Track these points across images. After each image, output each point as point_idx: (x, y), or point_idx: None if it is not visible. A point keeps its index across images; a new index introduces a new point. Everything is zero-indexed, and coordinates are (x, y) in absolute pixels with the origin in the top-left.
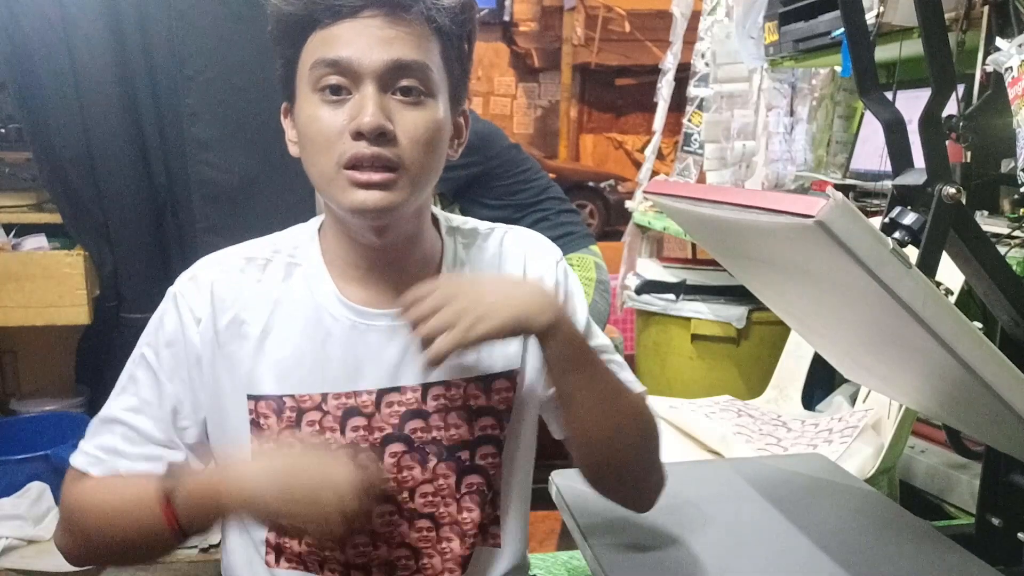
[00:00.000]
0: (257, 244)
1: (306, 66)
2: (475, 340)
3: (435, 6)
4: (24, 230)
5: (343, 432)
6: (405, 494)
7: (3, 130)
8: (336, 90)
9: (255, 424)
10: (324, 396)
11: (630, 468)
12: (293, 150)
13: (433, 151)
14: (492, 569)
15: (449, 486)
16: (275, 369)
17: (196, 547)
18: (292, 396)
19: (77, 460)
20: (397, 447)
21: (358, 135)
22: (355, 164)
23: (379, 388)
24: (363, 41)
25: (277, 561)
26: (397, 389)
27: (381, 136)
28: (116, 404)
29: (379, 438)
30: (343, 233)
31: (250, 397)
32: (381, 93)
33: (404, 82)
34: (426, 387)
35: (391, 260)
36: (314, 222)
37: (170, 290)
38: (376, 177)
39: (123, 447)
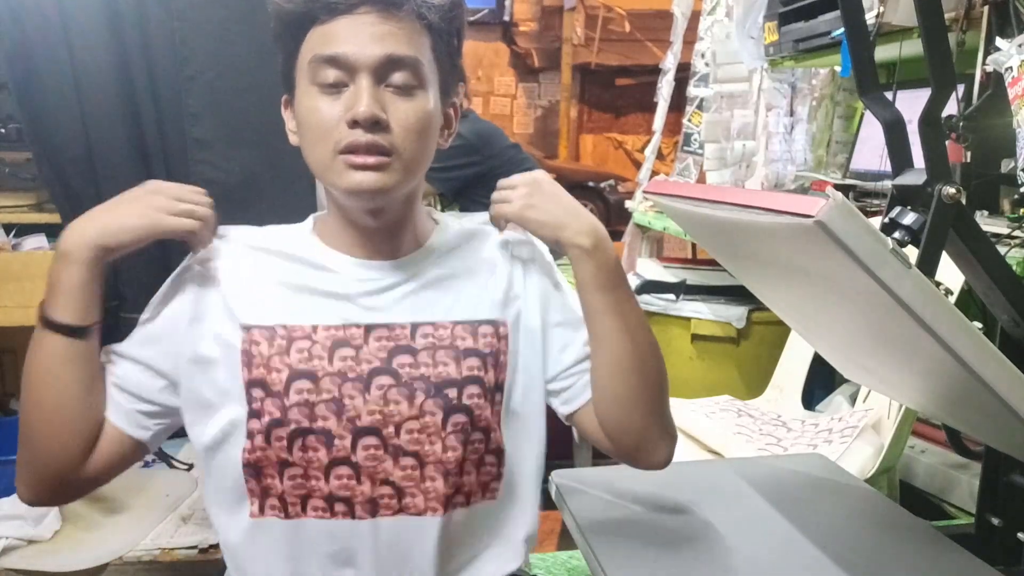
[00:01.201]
0: (252, 230)
1: (305, 60)
2: (521, 220)
3: (425, 4)
4: (24, 230)
5: (331, 361)
6: (391, 428)
7: (3, 130)
8: (334, 83)
9: (246, 352)
10: (314, 327)
11: (649, 406)
12: (293, 139)
13: (424, 139)
14: (493, 526)
15: (435, 423)
16: (269, 302)
17: (196, 547)
18: (284, 326)
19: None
20: (384, 380)
21: (354, 124)
22: (351, 150)
23: (367, 323)
24: (358, 37)
25: (261, 510)
26: (386, 325)
27: (375, 124)
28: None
29: (366, 370)
30: (342, 217)
31: (243, 327)
32: (375, 85)
33: (396, 75)
34: (415, 326)
35: (385, 240)
36: (309, 219)
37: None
38: (371, 160)
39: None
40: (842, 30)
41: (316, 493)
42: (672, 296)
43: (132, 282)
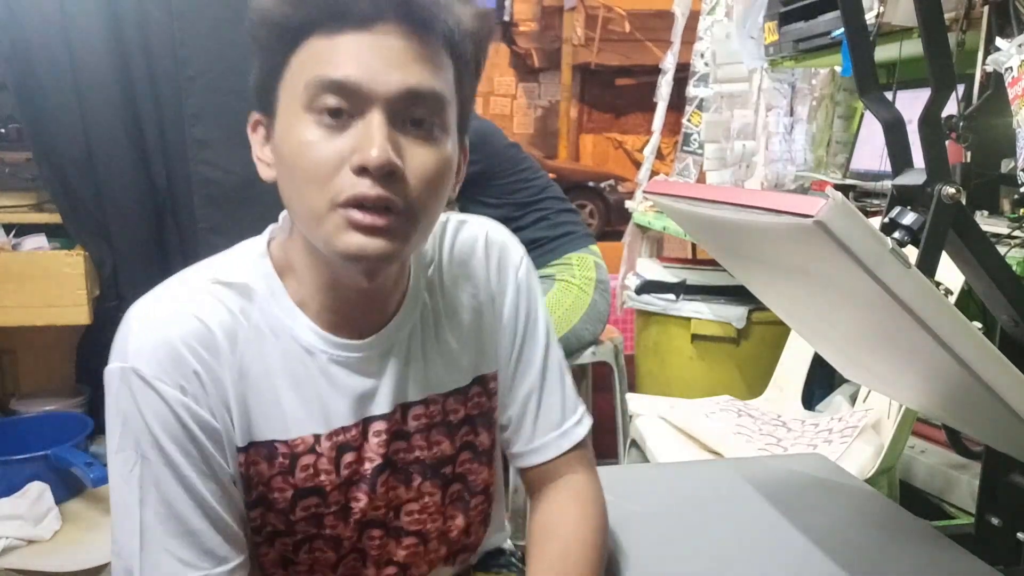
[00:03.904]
0: (193, 281)
1: (299, 80)
2: None
3: (458, 28)
4: (24, 230)
5: (337, 472)
6: (391, 514)
7: (3, 130)
8: (336, 113)
9: (244, 476)
10: (316, 437)
11: None
12: (266, 174)
13: (441, 192)
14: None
15: (435, 503)
16: (259, 414)
17: None
18: (284, 441)
19: None
20: (384, 474)
21: (362, 171)
22: (356, 204)
23: (364, 417)
24: (374, 60)
25: None
26: (382, 417)
27: (389, 175)
28: (147, 520)
29: (369, 469)
30: (323, 274)
31: (239, 449)
32: (390, 124)
33: (417, 113)
34: (405, 408)
35: (372, 300)
36: (253, 251)
37: (124, 373)
38: (380, 222)
39: (188, 558)
40: (842, 30)
41: None
42: (672, 296)
43: (132, 282)
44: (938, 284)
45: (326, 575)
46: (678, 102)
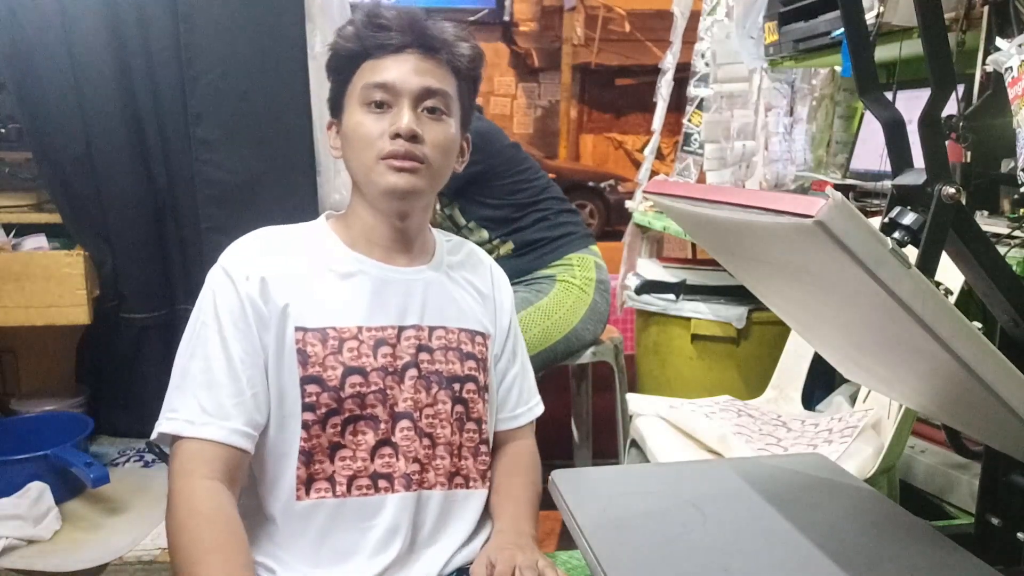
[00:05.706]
0: (268, 230)
1: (357, 87)
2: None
3: (455, 53)
4: (24, 230)
5: (375, 357)
6: (417, 413)
7: (3, 130)
8: (380, 104)
9: (301, 352)
10: (359, 328)
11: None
12: (335, 154)
13: (448, 155)
14: (473, 506)
15: (446, 411)
16: (318, 307)
17: None
18: (334, 328)
19: (169, 427)
20: (412, 372)
21: (396, 136)
22: (392, 156)
23: (399, 325)
24: (403, 70)
25: (307, 493)
26: (413, 327)
27: (413, 138)
28: (191, 369)
29: (400, 364)
30: (372, 217)
31: (297, 328)
32: (413, 109)
33: (430, 102)
34: (432, 328)
35: (406, 239)
36: (311, 222)
37: (214, 269)
38: (407, 164)
39: (208, 407)
40: (842, 30)
41: (363, 473)
42: (672, 296)
43: (132, 282)
44: (938, 284)
45: (366, 463)
46: (678, 102)
